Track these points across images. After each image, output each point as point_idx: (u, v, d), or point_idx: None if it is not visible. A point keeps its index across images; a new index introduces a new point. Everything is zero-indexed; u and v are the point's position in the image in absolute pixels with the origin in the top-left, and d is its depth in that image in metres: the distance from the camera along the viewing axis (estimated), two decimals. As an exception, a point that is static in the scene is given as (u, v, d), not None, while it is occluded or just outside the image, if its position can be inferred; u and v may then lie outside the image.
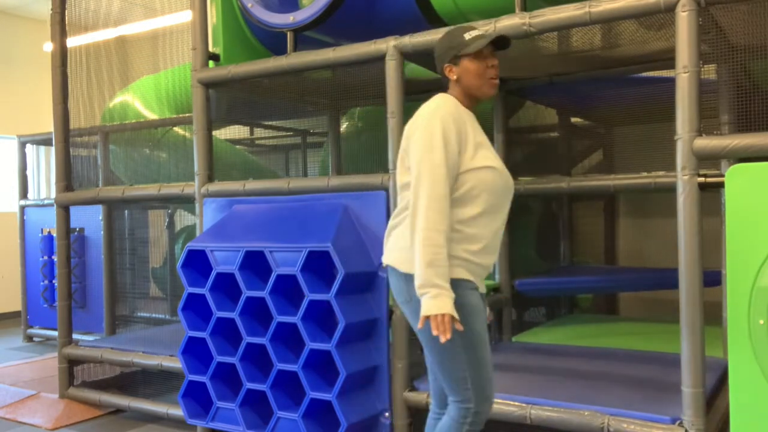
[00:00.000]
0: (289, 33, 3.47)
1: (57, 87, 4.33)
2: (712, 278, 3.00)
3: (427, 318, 2.04)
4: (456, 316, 2.04)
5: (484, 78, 2.27)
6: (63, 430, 3.92)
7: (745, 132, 2.46)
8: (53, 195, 4.54)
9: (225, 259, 3.26)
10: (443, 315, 2.02)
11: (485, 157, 2.22)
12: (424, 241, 2.07)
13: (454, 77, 2.31)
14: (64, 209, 4.41)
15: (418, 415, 3.13)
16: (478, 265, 2.23)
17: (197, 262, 3.37)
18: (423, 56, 3.32)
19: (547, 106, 4.88)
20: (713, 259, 2.99)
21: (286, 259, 3.08)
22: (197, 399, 3.42)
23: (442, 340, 2.02)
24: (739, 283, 2.28)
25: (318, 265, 3.07)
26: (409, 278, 2.18)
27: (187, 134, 4.98)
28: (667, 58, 3.44)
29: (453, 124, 2.18)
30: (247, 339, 3.17)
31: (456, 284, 2.13)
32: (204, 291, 3.29)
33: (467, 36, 2.27)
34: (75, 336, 4.51)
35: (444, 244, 2.08)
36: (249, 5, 3.56)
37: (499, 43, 2.29)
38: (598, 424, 2.61)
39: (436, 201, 2.11)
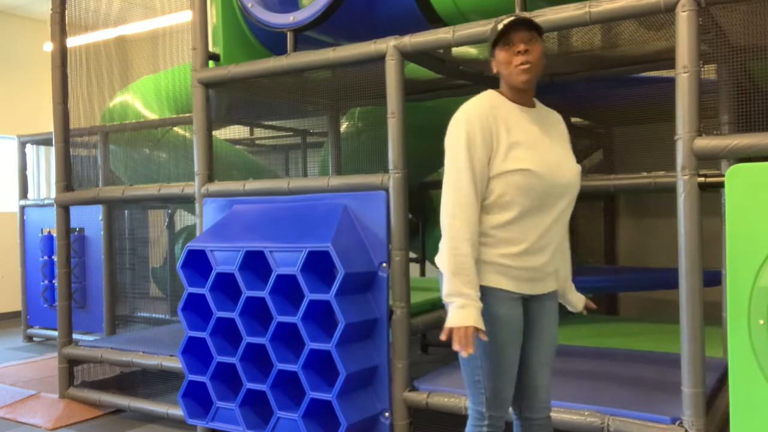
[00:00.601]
0: (289, 33, 3.47)
1: (57, 87, 4.33)
2: (712, 278, 3.00)
3: (451, 330, 1.99)
4: (481, 326, 1.99)
5: (512, 66, 2.12)
6: (63, 430, 3.92)
7: (745, 132, 2.46)
8: (53, 195, 4.54)
9: (225, 259, 3.26)
10: (466, 328, 1.96)
11: (518, 159, 2.09)
12: (449, 251, 2.03)
13: (495, 70, 2.20)
14: (64, 209, 4.41)
15: (417, 414, 3.13)
16: (521, 269, 2.13)
17: (197, 262, 3.37)
18: (423, 56, 3.33)
19: (547, 106, 4.87)
20: (713, 259, 2.99)
21: (286, 259, 3.08)
22: (197, 399, 3.42)
23: (463, 354, 1.97)
24: (739, 283, 2.28)
25: (318, 265, 3.07)
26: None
27: (187, 134, 4.98)
28: (667, 58, 3.44)
29: (479, 126, 2.09)
30: (247, 339, 3.17)
31: (485, 292, 2.07)
32: (204, 291, 3.29)
33: (499, 26, 2.13)
34: (75, 336, 4.51)
35: (470, 252, 2.03)
36: (249, 5, 3.56)
37: (527, 25, 2.12)
38: (598, 424, 2.61)
39: (460, 209, 2.05)
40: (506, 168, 2.09)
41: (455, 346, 1.97)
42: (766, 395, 2.23)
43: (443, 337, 2.01)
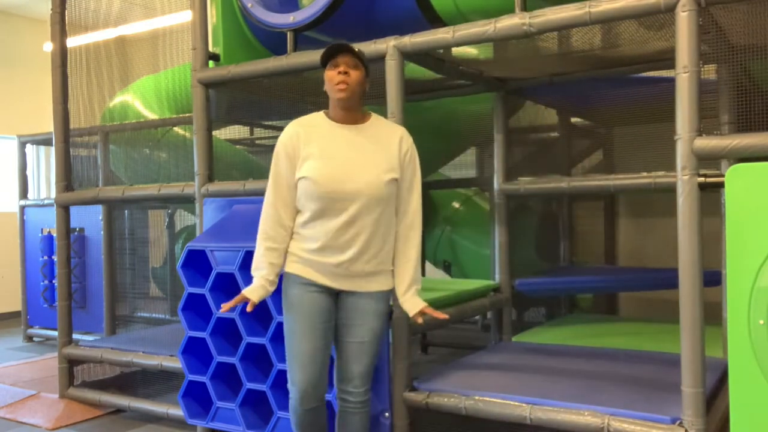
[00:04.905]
0: (289, 33, 3.47)
1: (57, 87, 4.33)
2: (712, 278, 3.00)
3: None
4: (252, 297, 2.52)
5: (333, 83, 2.49)
6: (63, 430, 3.92)
7: (745, 132, 2.46)
8: (53, 195, 4.54)
9: (225, 259, 3.26)
10: (242, 295, 2.57)
11: (305, 169, 2.48)
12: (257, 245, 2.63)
13: (324, 88, 2.57)
14: (64, 209, 4.41)
15: (417, 414, 3.13)
16: (319, 263, 2.50)
17: (197, 262, 3.37)
18: (423, 56, 3.33)
19: (547, 106, 4.88)
20: (713, 259, 2.99)
21: (286, 259, 3.08)
22: (197, 399, 3.42)
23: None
24: (739, 283, 2.28)
25: (318, 265, 3.07)
26: None
27: (187, 134, 4.97)
28: (667, 58, 3.44)
29: (283, 143, 2.54)
30: (247, 339, 3.17)
31: (284, 276, 2.56)
32: (204, 291, 3.29)
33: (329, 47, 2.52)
34: (75, 336, 4.51)
35: (261, 244, 2.54)
36: (249, 5, 3.56)
37: (352, 52, 2.49)
38: (598, 424, 2.61)
39: (263, 212, 2.56)
40: (298, 176, 2.50)
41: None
42: (766, 395, 2.23)
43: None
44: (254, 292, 2.53)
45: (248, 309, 2.51)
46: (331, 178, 2.45)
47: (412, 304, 2.59)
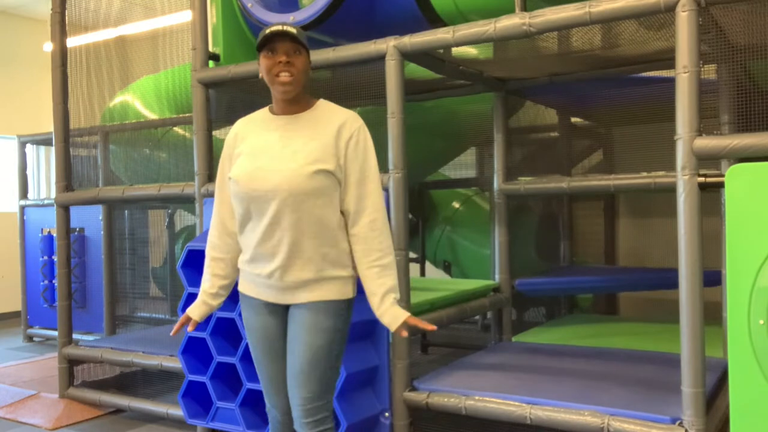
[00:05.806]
0: (289, 33, 3.46)
1: (57, 87, 4.33)
2: (712, 278, 3.00)
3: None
4: (193, 315, 2.36)
5: (272, 75, 2.14)
6: (63, 430, 3.92)
7: (745, 132, 2.46)
8: (53, 195, 4.54)
9: (225, 259, 3.25)
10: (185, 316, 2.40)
11: (234, 168, 2.21)
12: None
13: (260, 76, 2.23)
14: (64, 209, 4.41)
15: (417, 414, 3.13)
16: (254, 275, 2.21)
17: (197, 262, 3.37)
18: (423, 56, 3.33)
19: (547, 106, 4.88)
20: (713, 259, 2.99)
21: (286, 259, 3.08)
22: (197, 399, 3.42)
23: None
24: (739, 283, 2.28)
25: (318, 265, 3.06)
26: None
27: (187, 134, 4.97)
28: (667, 58, 3.44)
29: (227, 144, 2.29)
30: (247, 339, 3.17)
31: (240, 295, 2.32)
32: (204, 291, 3.29)
33: (267, 31, 2.15)
34: (75, 336, 4.51)
35: (209, 254, 2.38)
36: (249, 5, 3.56)
37: (291, 38, 2.13)
38: (598, 424, 2.61)
39: (212, 218, 2.35)
40: (228, 177, 2.23)
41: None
42: (766, 395, 2.23)
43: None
44: (194, 309, 2.31)
45: (189, 329, 2.30)
46: (250, 175, 2.13)
47: (392, 316, 2.16)
